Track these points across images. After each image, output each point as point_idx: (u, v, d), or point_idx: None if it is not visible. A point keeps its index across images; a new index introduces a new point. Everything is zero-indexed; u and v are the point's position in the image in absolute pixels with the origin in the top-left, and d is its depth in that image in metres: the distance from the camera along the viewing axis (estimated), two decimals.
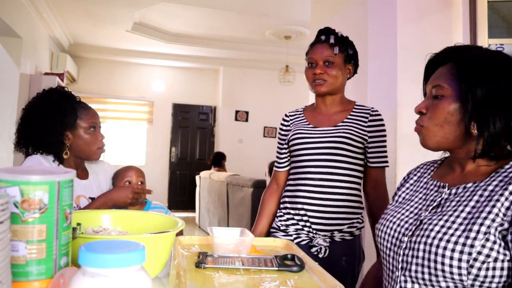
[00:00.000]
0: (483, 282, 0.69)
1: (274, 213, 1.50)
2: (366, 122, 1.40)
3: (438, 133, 0.82)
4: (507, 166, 0.76)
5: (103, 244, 0.47)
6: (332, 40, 1.39)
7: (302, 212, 1.37)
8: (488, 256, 0.68)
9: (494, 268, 0.69)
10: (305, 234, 1.38)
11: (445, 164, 0.92)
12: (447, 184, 0.84)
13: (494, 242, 0.69)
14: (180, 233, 1.37)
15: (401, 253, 0.82)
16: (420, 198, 0.89)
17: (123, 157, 6.30)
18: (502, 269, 0.69)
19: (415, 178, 0.97)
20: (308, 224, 1.36)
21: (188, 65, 6.83)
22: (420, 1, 2.09)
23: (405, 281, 0.80)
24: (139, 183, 1.51)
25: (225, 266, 0.88)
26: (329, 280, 0.80)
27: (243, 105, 6.80)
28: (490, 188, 0.74)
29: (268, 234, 1.48)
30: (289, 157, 1.50)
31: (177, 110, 6.91)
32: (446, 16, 2.10)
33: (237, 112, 6.80)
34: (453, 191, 0.81)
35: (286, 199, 1.45)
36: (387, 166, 1.43)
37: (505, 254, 0.69)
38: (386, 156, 1.42)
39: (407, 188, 0.97)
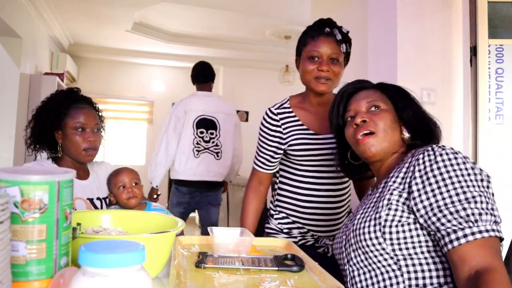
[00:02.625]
0: (399, 244, 0.84)
1: (259, 214, 1.45)
2: None
3: (386, 138, 0.97)
4: (405, 158, 0.94)
5: (103, 244, 0.47)
6: (339, 36, 1.29)
7: (305, 222, 1.36)
8: (392, 220, 0.85)
9: (403, 231, 0.84)
10: (310, 236, 1.38)
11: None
12: (370, 188, 1.06)
13: (396, 210, 0.85)
14: (180, 234, 1.37)
15: (343, 249, 0.98)
16: (356, 209, 1.05)
17: (123, 157, 6.31)
18: (410, 230, 0.83)
19: (364, 198, 1.13)
20: (313, 228, 1.37)
21: (188, 65, 6.80)
22: (420, 1, 2.09)
23: (352, 271, 0.94)
24: (134, 184, 1.45)
25: (225, 266, 0.88)
26: (329, 280, 0.81)
27: (243, 105, 6.79)
28: (390, 175, 0.93)
29: (260, 234, 1.42)
30: (280, 159, 1.42)
31: None
32: (446, 16, 2.10)
33: (237, 112, 6.78)
34: (374, 191, 1.00)
35: (284, 205, 1.40)
36: None
37: (408, 217, 0.84)
38: None
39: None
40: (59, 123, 1.37)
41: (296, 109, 1.38)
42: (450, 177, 0.79)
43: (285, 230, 1.41)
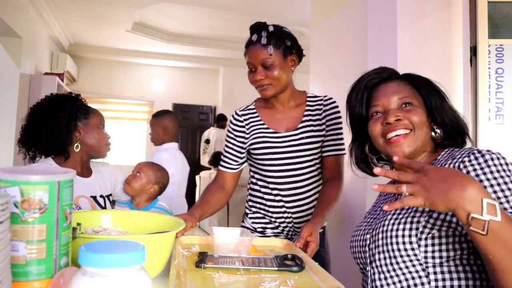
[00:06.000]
0: (433, 251, 0.79)
1: (219, 208, 1.41)
2: (321, 114, 1.38)
3: (420, 137, 0.91)
4: (439, 157, 0.90)
5: (103, 244, 0.47)
6: (264, 40, 1.30)
7: (275, 215, 1.40)
8: (432, 228, 0.80)
9: (440, 237, 0.79)
10: (284, 236, 1.41)
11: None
12: None
13: (436, 218, 0.80)
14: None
15: (367, 249, 0.93)
16: (380, 208, 1.01)
17: (123, 157, 6.30)
18: (447, 236, 0.78)
19: (380, 198, 1.09)
20: (282, 221, 1.39)
21: (188, 65, 6.82)
22: (420, 1, 2.09)
23: (374, 273, 0.89)
24: (136, 173, 1.56)
25: (225, 266, 0.88)
26: (329, 280, 0.81)
27: (242, 104, 6.80)
28: None
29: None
30: (244, 160, 1.45)
31: (177, 110, 6.90)
32: (446, 16, 2.10)
33: None
34: None
35: (255, 200, 1.44)
36: (343, 153, 1.39)
37: (449, 223, 0.78)
38: (341, 144, 1.39)
39: (374, 207, 1.08)
40: (85, 117, 1.42)
41: (260, 110, 1.44)
42: (509, 182, 0.76)
43: (259, 230, 1.44)
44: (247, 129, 1.42)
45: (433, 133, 0.94)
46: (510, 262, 0.65)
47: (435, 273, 0.80)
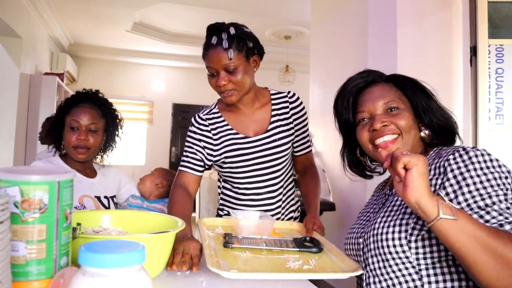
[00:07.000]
0: (424, 253, 0.79)
1: (190, 215, 1.26)
2: (288, 113, 1.37)
3: (409, 141, 0.91)
4: (427, 157, 0.89)
5: (103, 244, 0.47)
6: (225, 44, 1.20)
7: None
8: (421, 230, 0.79)
9: (430, 238, 0.78)
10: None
11: (389, 179, 1.06)
12: (388, 187, 0.99)
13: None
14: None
15: (361, 253, 0.92)
16: (372, 208, 1.01)
17: (123, 157, 6.30)
18: (437, 237, 0.76)
19: (372, 197, 1.09)
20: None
21: (188, 65, 6.82)
22: (420, 1, 2.09)
23: (368, 277, 0.89)
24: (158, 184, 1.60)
25: (250, 247, 0.95)
26: (347, 260, 0.90)
27: None
28: None
29: None
30: (210, 165, 1.37)
31: (177, 110, 6.91)
32: (446, 16, 2.10)
33: None
34: (393, 190, 0.94)
35: (228, 204, 1.41)
36: (312, 147, 1.43)
37: None
38: (309, 140, 1.41)
39: (366, 206, 1.08)
40: (61, 122, 1.42)
41: (224, 113, 1.36)
42: (492, 179, 0.75)
43: None
44: (214, 134, 1.33)
45: (421, 134, 0.94)
46: (479, 251, 0.65)
47: (428, 275, 0.80)
